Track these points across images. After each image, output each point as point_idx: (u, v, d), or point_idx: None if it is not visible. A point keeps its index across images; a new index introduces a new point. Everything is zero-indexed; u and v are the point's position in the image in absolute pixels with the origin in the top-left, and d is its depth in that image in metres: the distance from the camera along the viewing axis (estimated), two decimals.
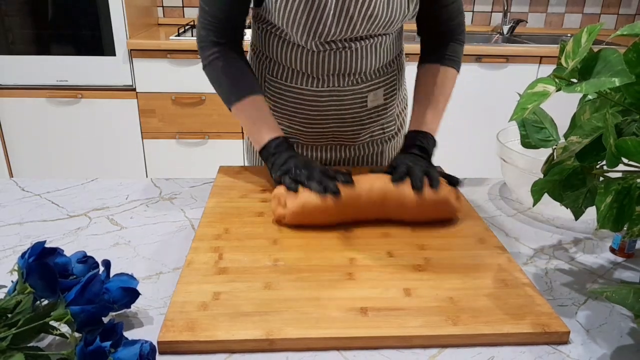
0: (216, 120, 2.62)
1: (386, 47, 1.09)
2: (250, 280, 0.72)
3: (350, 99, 1.10)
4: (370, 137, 1.18)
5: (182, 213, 0.96)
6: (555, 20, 3.11)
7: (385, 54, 1.09)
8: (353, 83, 1.08)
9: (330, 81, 1.07)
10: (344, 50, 1.03)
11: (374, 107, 1.13)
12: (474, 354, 0.63)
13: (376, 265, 0.77)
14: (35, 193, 1.02)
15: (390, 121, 1.19)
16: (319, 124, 1.12)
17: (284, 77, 1.09)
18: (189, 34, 2.62)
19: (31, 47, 2.48)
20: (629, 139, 0.58)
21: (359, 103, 1.11)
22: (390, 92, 1.15)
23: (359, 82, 1.09)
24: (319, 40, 1.00)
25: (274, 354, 0.62)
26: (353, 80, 1.08)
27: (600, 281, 0.79)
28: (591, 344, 0.65)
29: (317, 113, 1.11)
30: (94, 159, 2.69)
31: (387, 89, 1.14)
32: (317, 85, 1.08)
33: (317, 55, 1.04)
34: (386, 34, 1.05)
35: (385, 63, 1.11)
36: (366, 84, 1.10)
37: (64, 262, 0.64)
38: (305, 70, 1.06)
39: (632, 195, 0.63)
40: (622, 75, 0.56)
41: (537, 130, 0.83)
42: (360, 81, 1.09)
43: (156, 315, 0.68)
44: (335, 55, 1.04)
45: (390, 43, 1.09)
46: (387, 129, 1.19)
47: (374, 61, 1.08)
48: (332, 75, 1.06)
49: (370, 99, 1.11)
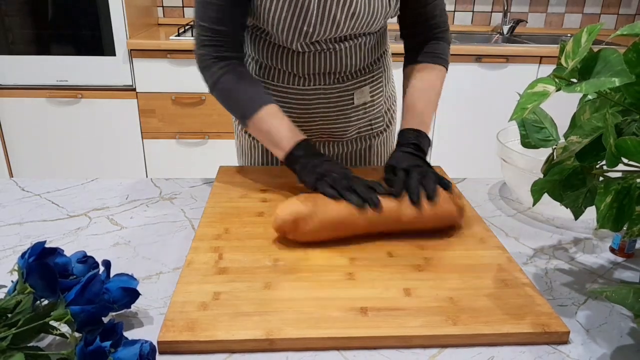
0: (216, 120, 2.62)
1: (371, 46, 1.10)
2: (250, 280, 0.72)
3: (337, 97, 1.11)
4: (358, 133, 1.19)
5: (182, 213, 0.96)
6: (555, 20, 3.11)
7: (370, 52, 1.10)
8: (339, 81, 1.09)
9: (316, 80, 1.08)
10: (328, 51, 1.04)
11: (360, 104, 1.14)
12: (474, 354, 0.63)
13: (376, 265, 0.77)
14: (35, 193, 1.02)
15: (377, 117, 1.19)
16: (306, 121, 1.13)
17: (271, 76, 1.10)
18: (189, 34, 2.62)
19: (31, 47, 2.48)
20: (629, 139, 0.58)
21: (346, 100, 1.12)
22: (377, 89, 1.16)
23: (344, 80, 1.10)
24: (305, 41, 1.00)
25: (274, 353, 0.62)
26: (339, 79, 1.09)
27: (600, 281, 0.79)
28: (591, 344, 0.65)
29: (305, 111, 1.12)
30: (94, 159, 2.68)
31: (373, 86, 1.15)
32: (304, 84, 1.08)
33: (303, 56, 1.05)
34: (369, 33, 1.06)
35: (370, 61, 1.12)
36: (352, 82, 1.11)
37: (64, 262, 0.64)
38: (292, 70, 1.07)
39: (632, 195, 0.62)
40: (622, 75, 0.56)
41: (537, 130, 0.83)
42: (346, 79, 1.10)
43: (156, 315, 0.68)
44: (320, 56, 1.05)
45: (375, 42, 1.10)
46: (374, 125, 1.20)
47: (359, 60, 1.09)
48: (318, 75, 1.07)
49: (356, 97, 1.12)
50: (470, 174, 1.30)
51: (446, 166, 1.28)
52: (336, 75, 1.08)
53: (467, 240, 0.85)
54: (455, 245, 0.83)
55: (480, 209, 0.99)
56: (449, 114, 2.62)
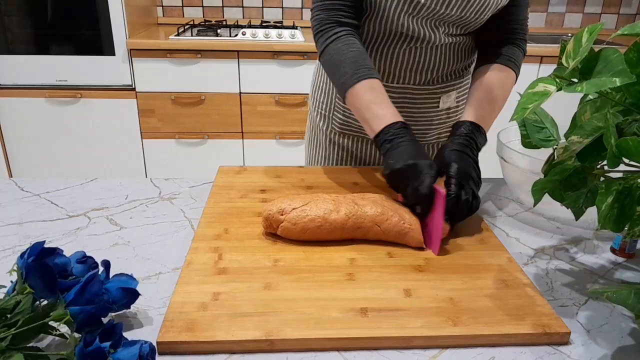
0: (216, 120, 2.62)
1: (464, 50, 1.08)
2: (250, 281, 0.72)
3: (423, 98, 1.10)
4: (438, 137, 1.19)
5: (181, 213, 0.96)
6: (556, 20, 3.10)
7: (462, 56, 1.09)
8: (428, 83, 1.09)
9: (405, 78, 1.08)
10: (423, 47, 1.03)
11: (445, 108, 1.14)
12: (474, 355, 0.62)
13: (376, 265, 0.77)
14: (34, 193, 1.02)
15: None
16: None
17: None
18: (189, 33, 2.62)
19: (30, 47, 2.48)
20: (630, 139, 0.58)
21: (432, 103, 1.11)
22: (463, 95, 1.16)
23: (433, 82, 1.09)
24: (413, 14, 0.97)
25: (273, 354, 0.62)
26: (429, 81, 1.08)
27: (601, 281, 0.79)
28: (592, 345, 0.65)
29: None
30: (93, 158, 2.68)
31: (460, 92, 1.15)
32: (392, 80, 1.08)
33: (399, 50, 1.04)
34: (467, 34, 1.05)
35: (461, 67, 1.11)
36: (441, 85, 1.10)
37: (63, 263, 0.64)
38: (383, 64, 1.07)
39: (633, 196, 0.62)
40: (622, 75, 0.56)
41: (538, 130, 0.83)
42: (435, 82, 1.09)
43: (155, 316, 0.68)
44: (415, 52, 1.04)
45: (469, 46, 1.09)
46: None
47: (452, 63, 1.08)
48: (410, 72, 1.07)
49: (442, 101, 1.12)
50: None
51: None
52: (427, 76, 1.07)
53: (467, 241, 0.85)
54: (455, 246, 0.83)
55: (480, 209, 0.99)
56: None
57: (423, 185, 0.81)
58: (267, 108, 2.61)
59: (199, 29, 2.66)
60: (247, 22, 2.93)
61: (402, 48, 1.04)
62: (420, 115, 1.13)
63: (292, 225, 0.81)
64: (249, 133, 2.66)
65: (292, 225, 0.81)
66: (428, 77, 1.08)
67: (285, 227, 0.82)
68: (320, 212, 0.82)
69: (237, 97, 2.58)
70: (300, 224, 0.81)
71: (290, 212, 0.82)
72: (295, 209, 0.82)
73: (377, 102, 0.92)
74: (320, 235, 0.82)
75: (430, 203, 0.82)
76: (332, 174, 1.09)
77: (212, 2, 2.98)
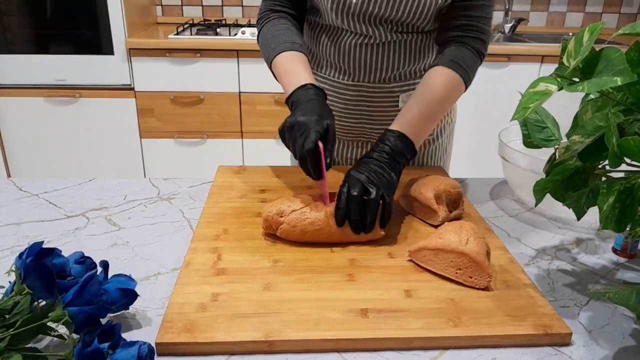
0: (215, 119, 2.61)
1: (420, 48, 1.07)
2: (249, 281, 0.72)
3: (380, 97, 1.10)
4: None
5: (180, 213, 0.95)
6: (557, 19, 3.10)
7: (419, 55, 1.08)
8: (383, 81, 1.08)
9: (360, 76, 1.08)
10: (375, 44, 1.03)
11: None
12: (475, 356, 0.62)
13: (377, 266, 0.77)
14: (33, 193, 1.02)
15: None
16: (348, 119, 1.13)
17: (319, 66, 1.12)
18: (188, 32, 2.61)
19: (29, 46, 2.48)
20: (632, 139, 0.58)
21: (390, 102, 1.10)
22: None
23: (390, 80, 1.08)
24: (345, 11, 0.99)
25: (273, 355, 0.61)
26: (385, 79, 1.08)
27: (602, 282, 0.78)
28: (593, 346, 0.65)
29: (346, 107, 1.11)
30: (92, 158, 2.68)
31: None
32: (347, 79, 1.09)
33: (349, 47, 1.05)
34: (419, 32, 1.04)
35: (420, 66, 1.09)
36: (398, 84, 1.09)
37: (61, 263, 0.63)
38: (337, 62, 1.07)
39: (635, 196, 0.62)
40: (624, 74, 0.56)
41: (539, 129, 0.83)
42: (392, 80, 1.08)
43: (154, 317, 0.67)
44: (367, 49, 1.04)
45: (426, 46, 1.07)
46: None
47: (407, 61, 1.07)
48: (364, 70, 1.07)
49: (402, 99, 1.11)
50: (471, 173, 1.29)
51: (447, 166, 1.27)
52: (382, 74, 1.07)
53: None
54: None
55: (481, 209, 0.99)
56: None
57: (308, 140, 0.81)
58: (266, 108, 2.61)
59: (199, 28, 2.66)
60: (246, 21, 2.92)
61: (350, 43, 1.05)
62: (378, 114, 1.12)
63: (291, 227, 0.81)
64: (248, 133, 2.66)
65: (292, 227, 0.81)
66: (383, 75, 1.07)
67: (284, 229, 0.81)
68: (320, 214, 0.81)
69: (236, 97, 2.58)
70: (299, 227, 0.81)
71: (289, 214, 0.81)
72: (295, 211, 0.82)
73: (293, 71, 0.95)
74: (320, 238, 0.81)
75: (318, 160, 0.82)
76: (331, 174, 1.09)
77: (212, 1, 2.98)
